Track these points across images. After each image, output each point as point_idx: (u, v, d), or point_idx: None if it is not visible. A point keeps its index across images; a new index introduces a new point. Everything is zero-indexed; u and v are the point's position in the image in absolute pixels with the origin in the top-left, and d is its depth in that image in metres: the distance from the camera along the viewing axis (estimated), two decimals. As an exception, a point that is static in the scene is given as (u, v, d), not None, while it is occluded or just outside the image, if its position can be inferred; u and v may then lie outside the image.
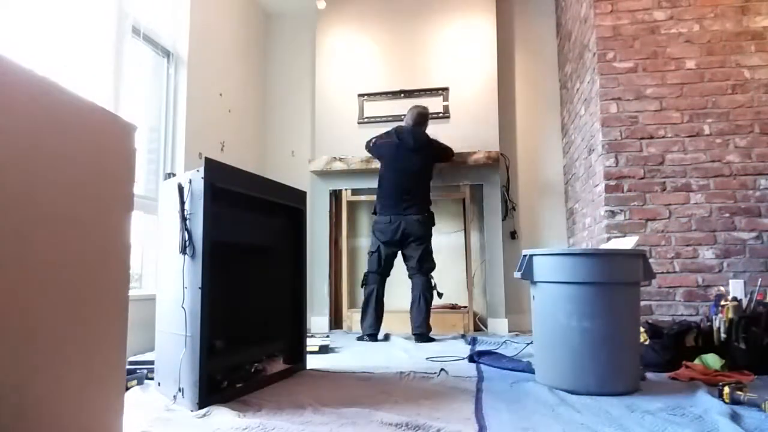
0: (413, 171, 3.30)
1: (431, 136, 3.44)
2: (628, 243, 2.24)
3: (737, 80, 2.73)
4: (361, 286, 3.37)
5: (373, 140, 3.51)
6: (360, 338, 3.24)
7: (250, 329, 2.00)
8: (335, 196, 4.01)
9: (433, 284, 3.24)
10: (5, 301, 0.87)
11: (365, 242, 4.13)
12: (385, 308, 3.32)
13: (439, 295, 3.26)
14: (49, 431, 0.96)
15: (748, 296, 2.30)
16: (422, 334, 3.13)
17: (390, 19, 4.03)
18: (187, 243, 1.62)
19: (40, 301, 0.95)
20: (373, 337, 3.20)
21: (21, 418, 0.89)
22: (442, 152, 3.48)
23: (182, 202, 1.65)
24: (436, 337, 3.22)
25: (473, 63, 3.86)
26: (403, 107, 3.84)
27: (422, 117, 3.44)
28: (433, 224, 3.34)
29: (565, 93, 3.85)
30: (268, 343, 2.09)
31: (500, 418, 1.45)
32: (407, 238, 3.24)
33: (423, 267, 3.23)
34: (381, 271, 3.31)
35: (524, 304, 3.71)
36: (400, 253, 3.31)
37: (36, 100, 0.95)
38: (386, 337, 3.27)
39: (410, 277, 3.28)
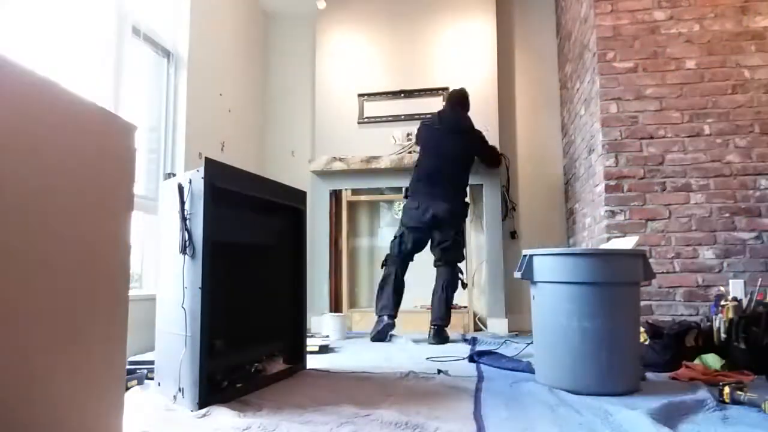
0: (450, 155, 3.13)
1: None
2: (628, 243, 2.24)
3: (737, 80, 2.73)
4: (381, 267, 3.27)
5: (418, 128, 3.38)
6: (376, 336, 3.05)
7: (250, 329, 2.00)
8: (335, 196, 4.01)
9: (459, 276, 3.13)
10: (4, 301, 0.87)
11: (365, 242, 4.13)
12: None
13: (464, 285, 3.17)
14: (50, 431, 0.96)
15: (748, 296, 2.30)
16: (439, 327, 2.99)
17: (390, 19, 4.03)
18: (187, 243, 1.62)
19: (40, 300, 0.95)
20: (388, 318, 3.03)
21: (21, 419, 0.89)
22: (487, 146, 3.35)
23: (182, 202, 1.65)
24: (450, 336, 3.10)
25: (473, 63, 3.86)
26: (403, 107, 3.85)
27: (459, 97, 3.30)
28: (466, 215, 3.22)
29: (565, 93, 3.85)
30: (268, 343, 2.08)
31: (499, 418, 1.45)
32: (435, 227, 3.10)
33: (446, 257, 3.11)
34: (403, 255, 3.18)
35: (524, 304, 3.71)
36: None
37: (36, 100, 0.95)
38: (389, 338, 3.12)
39: (435, 266, 3.18)
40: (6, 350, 0.87)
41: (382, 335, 3.05)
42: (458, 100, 3.32)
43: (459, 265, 3.17)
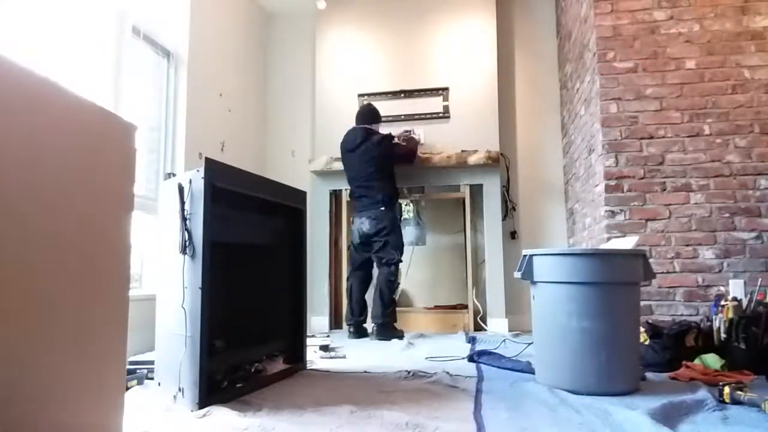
0: (364, 171, 3.37)
1: (407, 133, 3.58)
2: (628, 243, 2.24)
3: (737, 80, 2.73)
4: (347, 281, 3.55)
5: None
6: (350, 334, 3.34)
7: (250, 329, 2.00)
8: (335, 196, 4.01)
9: (392, 277, 3.28)
10: (5, 301, 0.87)
11: (365, 242, 4.13)
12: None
13: (396, 285, 3.34)
14: (50, 431, 0.96)
15: (748, 296, 2.30)
16: (380, 325, 3.20)
17: (390, 19, 4.03)
18: (187, 243, 1.62)
19: (40, 301, 0.95)
20: (351, 326, 3.32)
21: (21, 418, 0.89)
22: (394, 149, 3.48)
23: (182, 202, 1.65)
24: (406, 335, 3.23)
25: (473, 63, 3.86)
26: (403, 107, 3.84)
27: (362, 115, 3.51)
28: (395, 216, 3.38)
29: (565, 93, 3.85)
30: (268, 343, 2.08)
31: (499, 418, 1.45)
32: (368, 238, 3.33)
33: (382, 259, 3.30)
34: (356, 268, 3.45)
35: (524, 304, 3.70)
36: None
37: (36, 100, 0.95)
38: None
39: (378, 268, 3.39)
40: (6, 350, 0.87)
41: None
42: (361, 118, 3.51)
43: (397, 264, 3.34)
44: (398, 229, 3.37)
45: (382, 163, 3.39)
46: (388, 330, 3.19)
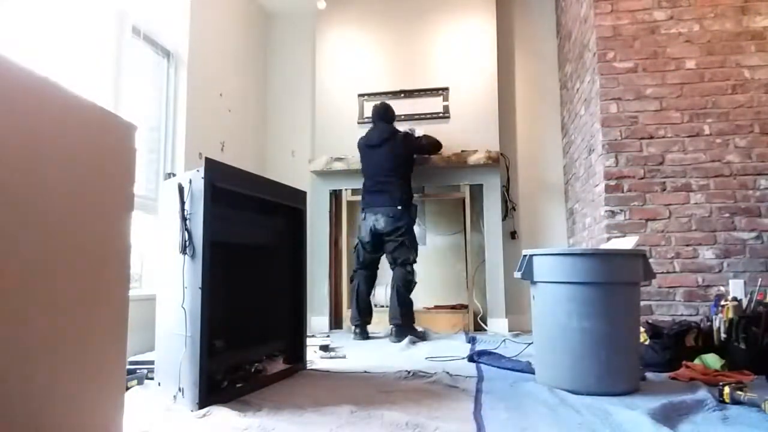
0: (384, 166, 3.33)
1: (410, 131, 3.53)
2: (628, 243, 2.24)
3: (737, 80, 2.73)
4: (350, 281, 3.50)
5: (357, 145, 3.58)
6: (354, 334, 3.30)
7: (250, 329, 2.00)
8: (335, 196, 4.01)
9: (409, 276, 3.25)
10: (4, 301, 0.87)
11: (365, 242, 4.13)
12: (383, 305, 3.36)
13: (414, 285, 3.30)
14: (50, 431, 0.96)
15: (748, 296, 2.30)
16: (398, 325, 3.16)
17: (390, 19, 4.03)
18: (187, 243, 1.62)
19: (40, 301, 0.95)
20: (357, 327, 3.27)
21: (21, 418, 0.89)
22: (415, 142, 3.49)
23: (182, 202, 1.65)
24: (430, 336, 3.26)
25: (473, 63, 3.86)
26: (403, 107, 3.84)
27: (380, 112, 3.48)
28: (412, 217, 3.35)
29: (565, 93, 3.85)
30: (268, 343, 2.08)
31: (499, 418, 1.45)
32: (380, 235, 3.28)
33: (398, 260, 3.27)
34: (363, 266, 3.39)
35: (524, 304, 3.70)
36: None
37: (36, 100, 0.95)
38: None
39: (391, 268, 3.35)
40: (7, 350, 0.87)
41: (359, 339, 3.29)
42: (385, 116, 3.48)
43: (413, 264, 3.30)
44: (413, 230, 3.36)
45: (405, 162, 3.39)
46: (407, 330, 3.14)
